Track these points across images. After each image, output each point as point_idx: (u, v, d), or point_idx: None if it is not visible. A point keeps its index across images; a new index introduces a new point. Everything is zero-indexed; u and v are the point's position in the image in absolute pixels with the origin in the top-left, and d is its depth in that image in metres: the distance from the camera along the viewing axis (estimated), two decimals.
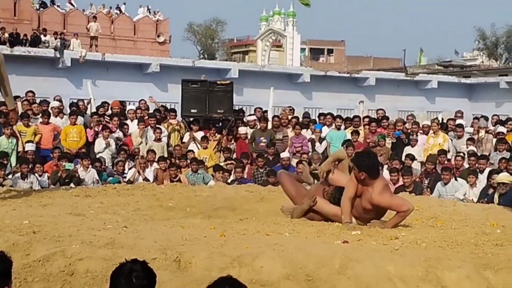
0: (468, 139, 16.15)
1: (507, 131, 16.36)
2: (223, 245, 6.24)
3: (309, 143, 16.53)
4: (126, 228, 6.97)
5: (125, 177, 14.29)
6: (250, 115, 18.04)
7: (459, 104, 28.92)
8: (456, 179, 13.31)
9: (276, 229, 7.22)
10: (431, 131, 16.46)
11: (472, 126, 18.05)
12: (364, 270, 5.75)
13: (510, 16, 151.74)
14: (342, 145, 15.28)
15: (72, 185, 12.64)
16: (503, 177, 12.36)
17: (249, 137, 16.33)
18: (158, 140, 15.69)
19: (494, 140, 15.98)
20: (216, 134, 16.32)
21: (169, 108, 18.50)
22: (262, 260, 5.76)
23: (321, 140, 16.70)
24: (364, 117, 18.21)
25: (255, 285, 5.52)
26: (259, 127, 16.55)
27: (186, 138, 16.45)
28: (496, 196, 12.12)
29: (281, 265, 5.72)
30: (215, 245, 6.23)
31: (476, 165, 13.95)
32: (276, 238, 6.70)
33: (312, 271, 5.73)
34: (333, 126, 17.24)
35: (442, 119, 21.32)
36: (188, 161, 14.79)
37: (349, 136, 16.32)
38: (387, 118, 18.02)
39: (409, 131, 17.09)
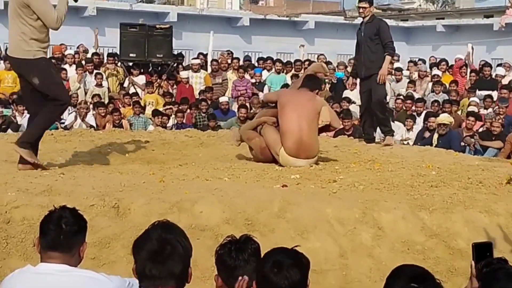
0: (410, 82, 16.30)
1: (442, 73, 16.65)
2: (162, 190, 6.22)
3: (253, 86, 16.47)
4: (63, 175, 6.85)
5: (63, 123, 14.04)
6: (193, 58, 17.82)
7: (397, 47, 29.17)
8: (393, 121, 13.48)
9: (215, 174, 7.21)
10: None
11: (408, 69, 18.23)
12: (303, 213, 5.83)
13: None
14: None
15: (9, 131, 12.33)
16: (444, 117, 12.60)
17: (190, 81, 16.21)
18: (99, 85, 15.45)
19: (431, 83, 16.21)
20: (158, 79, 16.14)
21: (107, 52, 18.17)
22: (202, 205, 5.77)
23: (261, 84, 16.65)
24: (304, 61, 18.20)
25: (194, 230, 5.53)
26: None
27: (126, 83, 16.23)
28: (435, 137, 12.36)
29: (220, 210, 5.75)
30: (154, 190, 6.20)
31: (413, 107, 14.16)
32: (216, 183, 6.70)
33: (251, 215, 5.78)
34: (273, 70, 17.22)
35: None
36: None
37: (289, 80, 16.31)
38: (329, 63, 18.08)
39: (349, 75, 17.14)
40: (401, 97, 15.18)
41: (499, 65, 18.13)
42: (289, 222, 5.76)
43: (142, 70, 16.42)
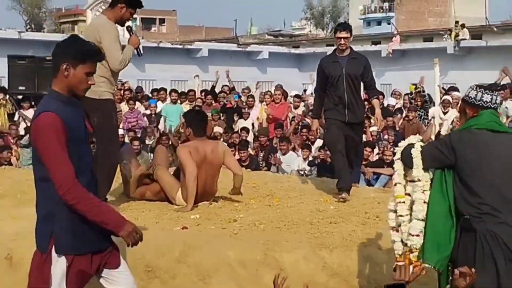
0: (308, 110, 16.45)
1: None
2: None
3: (145, 117, 16.28)
4: None
5: None
6: None
7: (290, 74, 29.67)
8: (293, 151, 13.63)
9: None
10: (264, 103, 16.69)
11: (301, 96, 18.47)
12: (204, 257, 5.74)
13: None
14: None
15: None
16: None
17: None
18: None
19: None
20: None
21: None
22: None
23: (157, 115, 16.48)
24: (201, 91, 18.24)
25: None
26: None
27: (16, 117, 15.73)
28: None
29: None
30: None
31: (308, 136, 14.32)
32: None
33: (151, 261, 5.65)
34: (168, 100, 17.11)
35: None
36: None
37: (185, 110, 16.21)
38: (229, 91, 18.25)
39: (244, 103, 17.29)
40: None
41: (391, 94, 18.63)
42: (190, 267, 5.66)
43: (33, 103, 15.96)
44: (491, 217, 4.25)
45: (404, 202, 4.62)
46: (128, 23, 7.40)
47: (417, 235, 4.45)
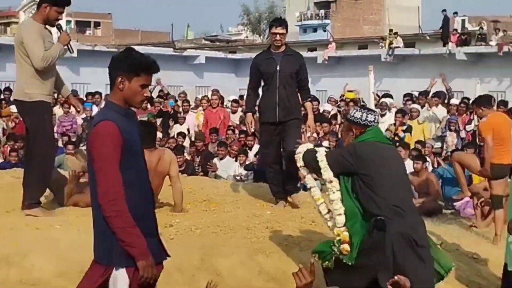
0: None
1: None
2: None
3: (78, 121, 16.07)
4: None
5: None
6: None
7: (227, 79, 29.71)
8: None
9: (46, 221, 6.89)
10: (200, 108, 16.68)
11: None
12: None
13: None
14: None
15: None
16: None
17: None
18: None
19: None
20: None
21: None
22: (33, 258, 5.49)
23: (92, 119, 16.28)
24: None
25: (25, 285, 5.25)
26: None
27: None
28: None
29: (52, 263, 5.49)
30: None
31: (246, 142, 14.32)
32: (47, 232, 6.40)
33: (86, 267, 5.54)
34: (103, 104, 16.93)
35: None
36: None
37: None
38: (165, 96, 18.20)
39: (180, 108, 17.24)
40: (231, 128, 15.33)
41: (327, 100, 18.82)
42: None
43: None
44: (399, 217, 4.91)
45: (323, 202, 5.35)
46: (60, 22, 7.37)
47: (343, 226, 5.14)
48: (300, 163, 5.41)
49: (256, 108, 8.51)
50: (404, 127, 14.57)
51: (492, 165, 9.35)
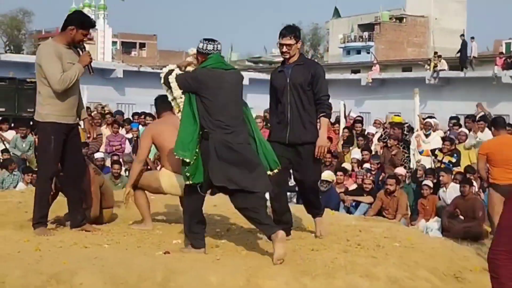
0: None
1: None
2: (39, 261, 5.94)
3: (127, 141, 16.28)
4: None
5: None
6: None
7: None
8: None
9: (94, 240, 6.99)
10: None
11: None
12: (187, 282, 5.71)
13: (315, 15, 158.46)
14: None
15: None
16: (327, 175, 12.92)
17: None
18: None
19: None
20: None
21: None
22: (82, 277, 5.55)
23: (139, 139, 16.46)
24: None
25: None
26: None
27: None
28: None
29: (101, 281, 5.54)
30: (30, 261, 5.91)
31: None
32: (95, 250, 6.49)
33: (133, 286, 5.61)
34: None
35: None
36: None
37: None
38: None
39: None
40: None
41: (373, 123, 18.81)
42: None
43: (12, 125, 15.90)
44: (222, 130, 6.24)
45: (179, 111, 6.60)
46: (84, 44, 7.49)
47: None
48: (162, 81, 6.72)
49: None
50: (454, 159, 14.36)
51: (499, 186, 9.88)
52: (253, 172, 6.33)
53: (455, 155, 14.34)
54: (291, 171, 7.56)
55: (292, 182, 9.00)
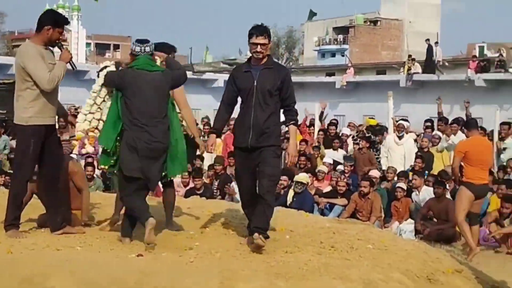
0: None
1: None
2: (11, 263, 5.88)
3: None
4: None
5: None
6: None
7: None
8: None
9: (66, 242, 6.93)
10: None
11: None
12: (160, 285, 5.67)
13: (290, 17, 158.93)
14: None
15: None
16: (302, 176, 12.97)
17: None
18: None
19: None
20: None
21: None
22: (54, 280, 5.51)
23: None
24: None
25: None
26: None
27: None
28: (290, 195, 12.67)
29: (74, 284, 5.50)
30: (1, 263, 5.85)
31: None
32: (68, 253, 6.43)
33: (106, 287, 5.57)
34: None
35: None
36: None
37: None
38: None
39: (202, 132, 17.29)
40: None
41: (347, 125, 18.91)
42: None
43: None
44: (137, 127, 6.77)
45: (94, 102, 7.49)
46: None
47: (102, 120, 7.40)
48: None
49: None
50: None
51: (475, 186, 10.27)
52: (153, 167, 6.96)
53: (426, 172, 14.22)
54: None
55: None
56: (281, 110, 7.24)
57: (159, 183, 7.72)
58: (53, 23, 7.09)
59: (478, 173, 10.26)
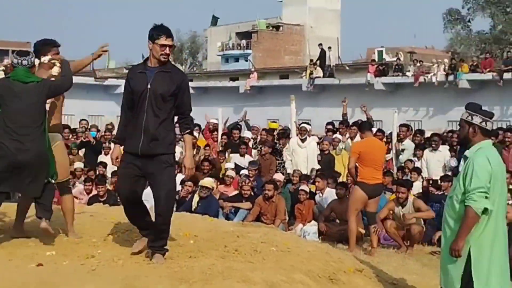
0: None
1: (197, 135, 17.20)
2: None
3: None
4: None
5: None
6: None
7: None
8: None
9: None
10: None
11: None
12: None
13: (193, 23, 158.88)
14: None
15: None
16: (207, 181, 12.96)
17: None
18: None
19: None
20: None
21: None
22: None
23: None
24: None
25: None
26: None
27: None
28: (195, 199, 12.65)
29: None
30: None
31: None
32: None
33: None
34: None
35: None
36: None
37: None
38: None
39: (101, 138, 17.08)
40: None
41: (249, 129, 18.96)
42: None
43: None
44: (8, 135, 6.84)
45: None
46: None
47: None
48: None
49: None
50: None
51: (369, 185, 10.70)
52: (26, 177, 7.01)
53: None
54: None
55: None
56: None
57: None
58: None
59: (372, 173, 10.76)
